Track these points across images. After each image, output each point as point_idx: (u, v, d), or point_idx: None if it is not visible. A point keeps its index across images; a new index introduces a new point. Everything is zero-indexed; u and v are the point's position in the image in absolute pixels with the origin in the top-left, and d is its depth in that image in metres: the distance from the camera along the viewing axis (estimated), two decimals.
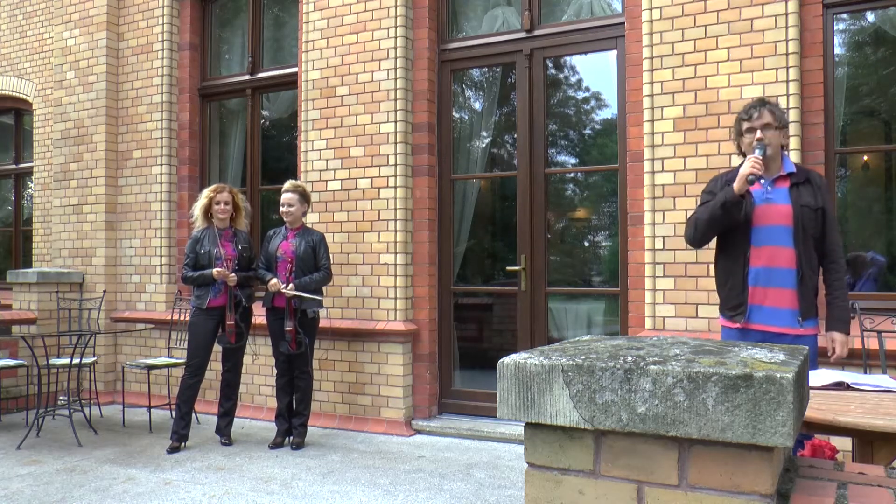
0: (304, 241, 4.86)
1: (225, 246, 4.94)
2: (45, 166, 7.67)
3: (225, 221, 4.99)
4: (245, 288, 4.99)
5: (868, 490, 1.15)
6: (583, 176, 5.55)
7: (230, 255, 4.91)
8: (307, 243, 4.86)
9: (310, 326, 4.90)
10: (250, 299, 5.04)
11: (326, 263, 4.92)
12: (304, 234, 4.91)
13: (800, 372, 1.10)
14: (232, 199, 4.97)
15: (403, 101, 5.40)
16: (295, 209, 4.88)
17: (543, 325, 5.20)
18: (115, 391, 6.55)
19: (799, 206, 2.95)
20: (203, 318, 4.87)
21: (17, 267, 8.37)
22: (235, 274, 4.87)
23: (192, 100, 6.66)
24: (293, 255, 4.83)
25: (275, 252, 4.89)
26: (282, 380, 4.93)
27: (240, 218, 5.07)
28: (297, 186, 4.93)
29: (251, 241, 5.16)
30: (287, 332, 4.79)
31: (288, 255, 4.85)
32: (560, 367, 1.15)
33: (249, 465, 4.49)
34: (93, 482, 4.11)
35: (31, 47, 7.98)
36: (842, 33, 4.53)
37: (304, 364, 4.88)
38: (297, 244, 4.85)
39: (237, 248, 4.95)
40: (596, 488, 1.14)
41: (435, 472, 4.29)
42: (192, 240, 4.95)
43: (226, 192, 4.95)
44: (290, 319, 4.80)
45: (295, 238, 4.89)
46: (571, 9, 5.28)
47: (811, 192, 2.98)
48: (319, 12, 5.73)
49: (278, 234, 4.97)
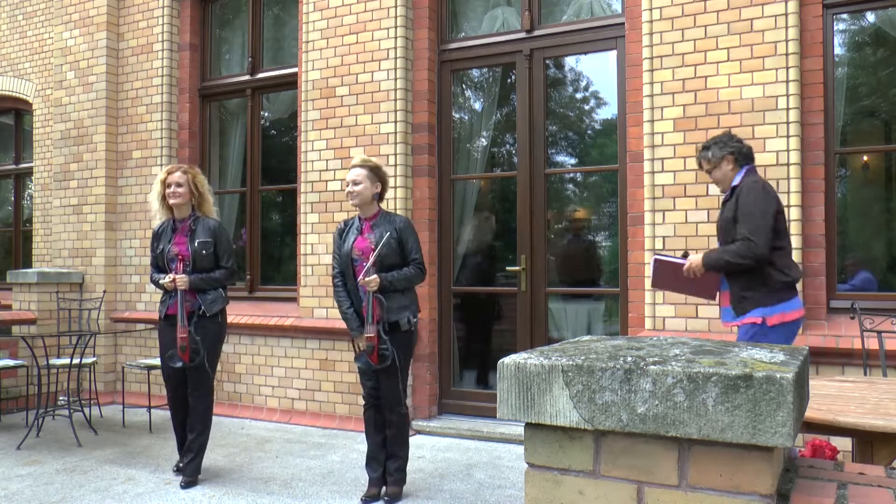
0: (385, 231, 3.68)
1: (178, 242, 4.08)
2: (45, 166, 7.67)
3: (183, 209, 4.10)
4: (207, 293, 4.07)
5: (868, 490, 1.15)
6: (582, 176, 5.55)
7: (183, 253, 4.04)
8: (389, 235, 3.66)
9: (403, 341, 3.71)
10: (215, 304, 4.09)
11: (418, 257, 3.75)
12: (383, 223, 3.74)
13: (800, 372, 1.10)
14: (189, 180, 4.07)
15: (403, 102, 5.40)
16: (362, 188, 3.72)
17: (543, 325, 5.20)
18: (115, 391, 6.55)
19: (721, 220, 3.47)
20: (163, 326, 4.13)
21: (17, 267, 8.37)
22: (188, 277, 3.98)
23: (192, 100, 6.66)
24: (374, 250, 3.66)
25: (349, 253, 3.73)
26: (370, 411, 3.80)
27: (205, 204, 4.17)
28: (366, 161, 3.79)
29: (220, 233, 4.15)
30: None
31: (366, 254, 3.68)
32: (560, 367, 1.15)
33: (249, 465, 4.49)
34: (93, 482, 4.11)
35: (31, 47, 7.98)
36: (842, 33, 4.53)
37: (394, 390, 3.70)
38: (378, 237, 3.68)
39: (192, 246, 4.04)
40: (596, 488, 1.14)
41: (435, 473, 4.28)
42: (152, 235, 4.23)
43: (178, 173, 4.06)
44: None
45: (372, 231, 3.73)
46: (571, 9, 5.28)
47: (733, 204, 3.38)
48: (319, 12, 5.74)
49: (351, 228, 3.81)
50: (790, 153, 4.16)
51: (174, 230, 4.11)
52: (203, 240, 4.05)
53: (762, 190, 3.30)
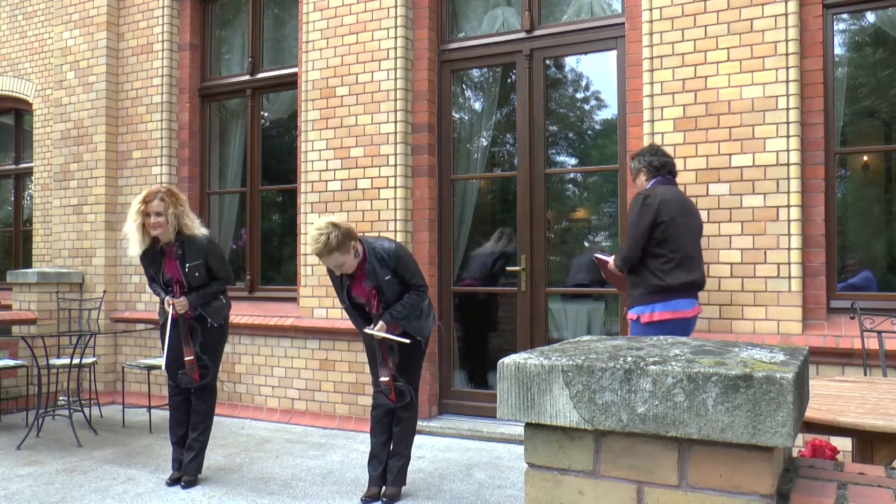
0: (379, 272, 3.58)
1: (170, 268, 3.99)
2: (45, 166, 7.67)
3: (165, 235, 3.94)
4: (209, 304, 4.04)
5: (868, 490, 1.15)
6: (582, 176, 5.55)
7: (178, 278, 3.97)
8: (383, 274, 3.58)
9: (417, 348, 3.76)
10: (219, 314, 4.07)
11: (415, 281, 3.66)
12: (373, 263, 3.58)
13: (800, 372, 1.10)
14: (166, 207, 3.87)
15: (403, 102, 5.40)
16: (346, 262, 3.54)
17: (543, 325, 5.20)
18: (115, 391, 6.55)
19: None
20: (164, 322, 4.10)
21: (18, 267, 8.37)
22: (186, 297, 3.94)
23: (192, 100, 6.66)
24: (376, 293, 3.61)
25: (355, 301, 3.69)
26: (379, 410, 3.79)
27: (186, 229, 3.96)
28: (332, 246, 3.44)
29: (210, 249, 4.03)
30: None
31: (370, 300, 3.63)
32: (560, 367, 1.15)
33: (249, 465, 4.49)
34: (93, 482, 4.11)
35: (31, 47, 7.98)
36: (842, 33, 4.53)
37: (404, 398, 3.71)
38: (374, 283, 3.59)
39: (183, 271, 3.95)
40: (596, 488, 1.14)
41: (435, 473, 4.28)
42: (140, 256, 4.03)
43: (156, 201, 3.87)
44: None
45: (368, 278, 3.60)
46: (571, 9, 5.28)
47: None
48: (319, 12, 5.74)
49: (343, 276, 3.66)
50: (790, 153, 4.16)
51: (162, 253, 4.00)
52: (193, 263, 3.96)
53: (641, 203, 3.70)
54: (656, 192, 3.73)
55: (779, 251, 4.18)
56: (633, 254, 3.71)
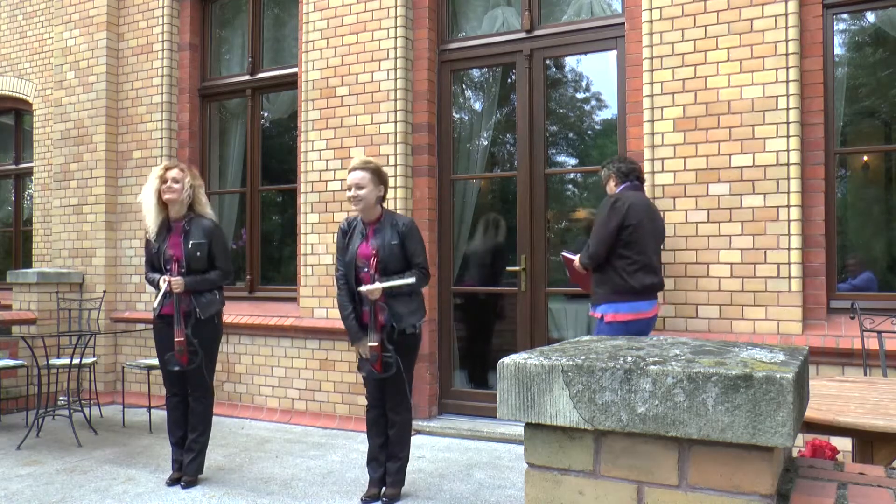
0: (388, 235, 3.61)
1: (173, 244, 3.99)
2: (45, 166, 7.67)
3: (177, 207, 4.01)
4: (202, 295, 4.00)
5: (868, 490, 1.15)
6: (582, 176, 5.55)
7: (178, 255, 3.95)
8: (391, 239, 3.59)
9: (408, 345, 3.67)
10: (209, 307, 4.01)
11: (420, 261, 3.65)
12: (386, 227, 3.64)
13: (800, 372, 1.10)
14: (185, 178, 3.99)
15: (403, 102, 5.40)
16: (366, 193, 3.59)
17: (543, 325, 5.20)
18: (115, 391, 6.55)
19: None
20: (159, 326, 4.09)
21: (18, 267, 8.37)
22: (183, 278, 3.91)
23: (192, 100, 6.66)
24: (376, 258, 3.58)
25: (353, 259, 3.65)
26: (373, 412, 3.75)
27: (199, 205, 4.08)
28: (367, 163, 3.66)
29: (216, 233, 4.07)
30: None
31: (370, 260, 3.59)
32: (560, 367, 1.15)
33: (249, 465, 4.49)
34: (93, 482, 4.11)
35: (31, 47, 7.98)
36: (842, 33, 4.53)
37: (399, 392, 3.66)
38: (380, 243, 3.61)
39: (185, 248, 3.96)
40: (596, 488, 1.14)
41: (435, 473, 4.28)
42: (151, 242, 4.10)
43: (175, 170, 4.00)
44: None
45: (375, 236, 3.64)
46: (571, 9, 5.28)
47: None
48: (319, 12, 5.74)
49: (355, 231, 3.69)
50: (790, 153, 4.16)
51: (169, 230, 4.03)
52: (197, 241, 3.96)
53: (611, 206, 3.84)
54: (625, 196, 3.87)
55: (779, 251, 4.18)
56: (599, 252, 3.84)
